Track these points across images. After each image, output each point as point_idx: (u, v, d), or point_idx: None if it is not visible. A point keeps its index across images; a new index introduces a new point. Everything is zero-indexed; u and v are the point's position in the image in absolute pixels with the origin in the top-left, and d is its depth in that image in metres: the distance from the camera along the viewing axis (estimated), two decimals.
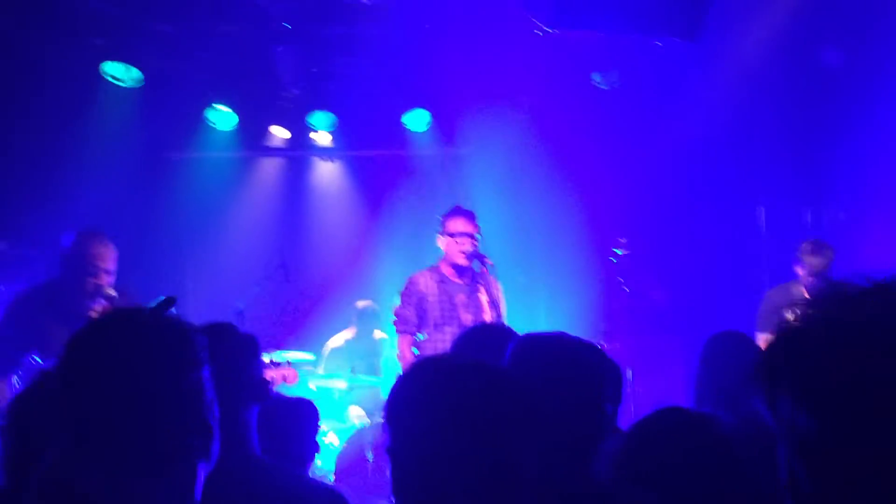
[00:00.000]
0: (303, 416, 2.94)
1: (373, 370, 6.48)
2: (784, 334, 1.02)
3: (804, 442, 0.95)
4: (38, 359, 3.99)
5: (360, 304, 6.89)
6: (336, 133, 7.29)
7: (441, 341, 4.83)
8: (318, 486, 2.20)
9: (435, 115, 7.15)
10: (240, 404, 2.11)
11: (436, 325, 4.89)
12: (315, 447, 2.92)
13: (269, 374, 3.65)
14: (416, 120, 7.19)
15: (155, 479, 1.37)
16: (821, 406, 0.94)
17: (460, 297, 4.94)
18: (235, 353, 2.16)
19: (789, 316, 3.82)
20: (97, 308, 4.07)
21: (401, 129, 7.24)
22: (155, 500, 1.35)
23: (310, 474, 2.93)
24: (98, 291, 4.11)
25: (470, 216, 4.96)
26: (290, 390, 5.01)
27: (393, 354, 5.36)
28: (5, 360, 4.03)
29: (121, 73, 6.25)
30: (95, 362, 1.40)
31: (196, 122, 6.98)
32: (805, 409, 0.94)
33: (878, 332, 0.92)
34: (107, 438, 1.38)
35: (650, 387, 5.83)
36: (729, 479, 1.81)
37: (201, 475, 1.44)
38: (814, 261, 5.11)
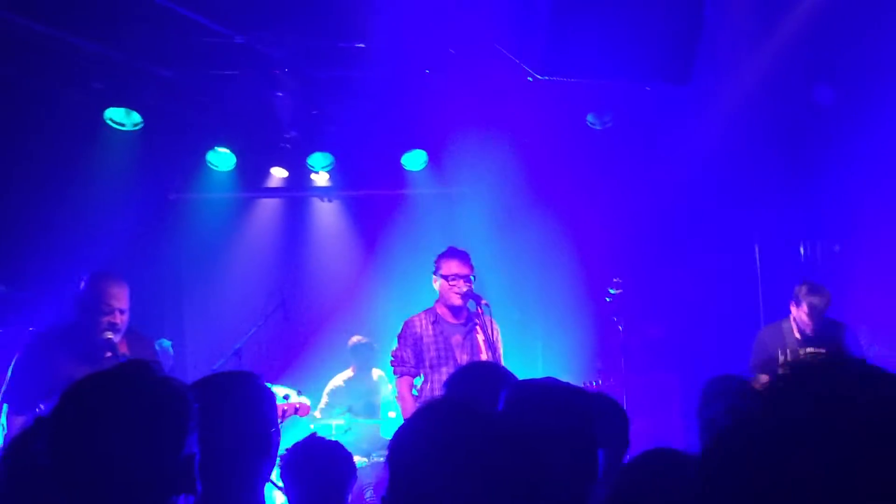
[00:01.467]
0: (330, 462, 2.89)
1: (371, 409, 6.49)
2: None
3: None
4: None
5: (353, 340, 6.91)
6: (334, 173, 7.38)
7: (438, 382, 4.84)
8: None
9: (431, 155, 7.23)
10: (245, 457, 2.12)
11: (432, 366, 4.92)
12: (346, 493, 2.85)
13: (282, 406, 3.65)
14: (414, 160, 7.28)
15: None
16: None
17: (456, 338, 4.98)
18: (246, 404, 2.17)
19: (781, 359, 3.83)
20: (111, 350, 4.12)
21: (398, 168, 7.33)
22: None
23: None
24: (110, 329, 4.17)
25: (464, 257, 5.01)
26: (295, 426, 5.03)
27: (391, 394, 5.38)
28: (22, 402, 4.06)
29: (122, 117, 6.35)
30: (85, 417, 1.45)
31: (196, 163, 7.06)
32: None
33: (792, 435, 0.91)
34: (89, 488, 1.42)
35: (646, 424, 5.83)
36: None
37: None
38: (812, 300, 5.11)
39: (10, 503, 1.86)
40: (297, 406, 4.14)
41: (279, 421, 2.30)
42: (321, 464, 2.81)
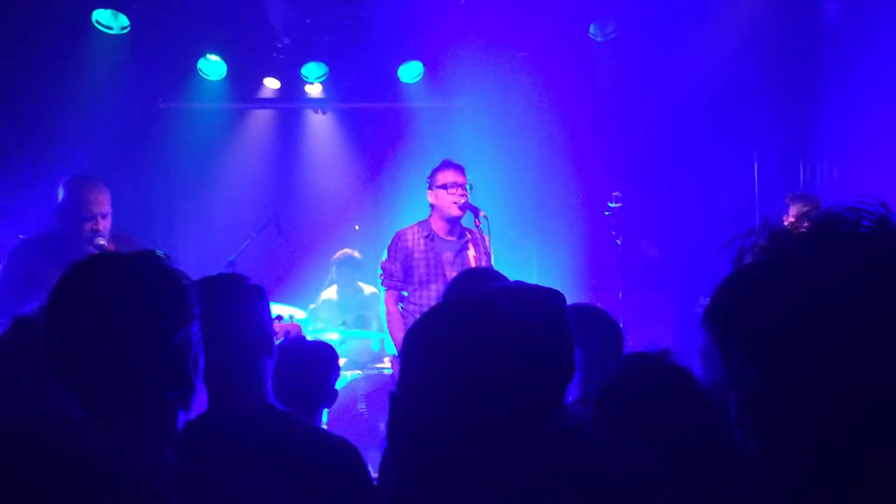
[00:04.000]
0: (321, 361, 2.94)
1: (363, 323, 6.50)
2: (736, 278, 0.98)
3: (752, 394, 0.93)
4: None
5: (336, 255, 6.88)
6: (328, 85, 7.21)
7: (427, 298, 4.81)
8: (331, 438, 2.20)
9: (429, 68, 7.07)
10: (247, 355, 2.11)
11: (421, 282, 4.86)
12: (332, 394, 2.91)
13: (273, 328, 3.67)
14: (410, 71, 7.12)
15: (128, 421, 1.38)
16: (767, 359, 0.91)
17: (447, 256, 4.89)
18: (244, 304, 2.15)
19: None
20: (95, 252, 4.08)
21: (394, 81, 7.16)
22: (128, 443, 1.35)
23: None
24: (94, 235, 4.12)
25: (459, 168, 4.91)
26: None
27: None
28: (6, 310, 4.04)
29: (109, 20, 6.16)
30: (83, 302, 1.40)
31: (187, 72, 6.88)
32: (753, 360, 0.92)
33: (828, 279, 0.89)
34: (85, 379, 1.39)
35: (640, 340, 5.86)
36: (698, 424, 1.83)
37: (179, 422, 1.45)
38: (799, 206, 5.18)
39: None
40: (289, 328, 4.13)
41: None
42: (305, 362, 2.84)
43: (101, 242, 4.13)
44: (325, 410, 3.10)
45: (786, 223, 3.83)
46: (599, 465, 1.40)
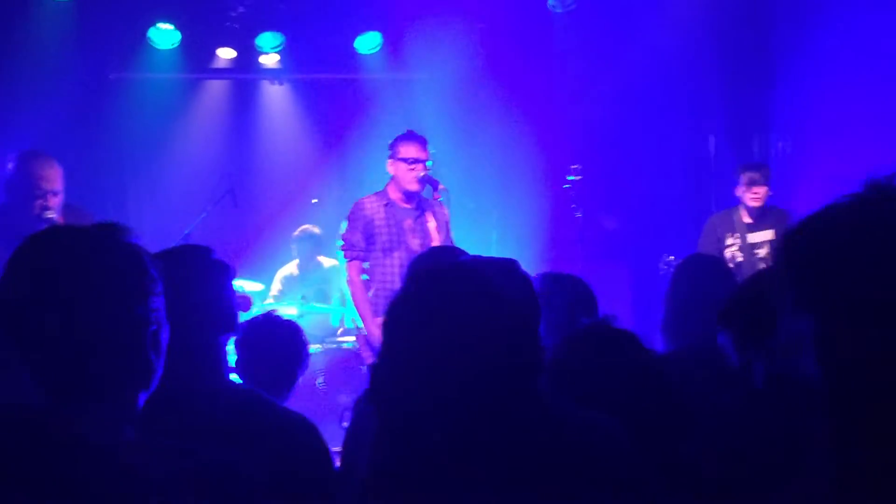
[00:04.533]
0: (286, 339, 2.90)
1: (323, 297, 6.46)
2: (810, 225, 1.01)
3: (819, 322, 0.96)
4: None
5: (296, 232, 6.82)
6: (284, 55, 7.09)
7: (389, 266, 4.81)
8: (290, 415, 2.18)
9: (387, 39, 6.98)
10: (209, 332, 2.07)
11: (383, 250, 4.85)
12: (298, 371, 2.88)
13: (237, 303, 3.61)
14: (367, 42, 7.03)
15: (87, 402, 1.34)
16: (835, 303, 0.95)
17: (408, 223, 4.89)
18: (206, 279, 2.10)
19: (729, 241, 3.97)
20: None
21: (352, 52, 7.07)
22: (87, 423, 1.32)
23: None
24: (44, 210, 4.03)
25: (422, 141, 4.89)
26: (243, 317, 4.99)
27: (344, 281, 5.34)
28: None
29: None
30: (39, 277, 1.35)
31: (137, 41, 6.71)
32: (822, 304, 0.96)
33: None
34: (40, 357, 1.34)
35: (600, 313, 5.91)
36: (646, 385, 1.85)
37: (140, 401, 1.41)
38: (750, 173, 5.49)
39: None
40: (240, 299, 4.07)
41: None
42: (276, 340, 2.80)
43: (51, 216, 4.04)
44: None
45: (739, 195, 3.90)
46: (579, 439, 1.41)
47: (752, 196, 5.47)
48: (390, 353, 1.39)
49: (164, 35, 6.69)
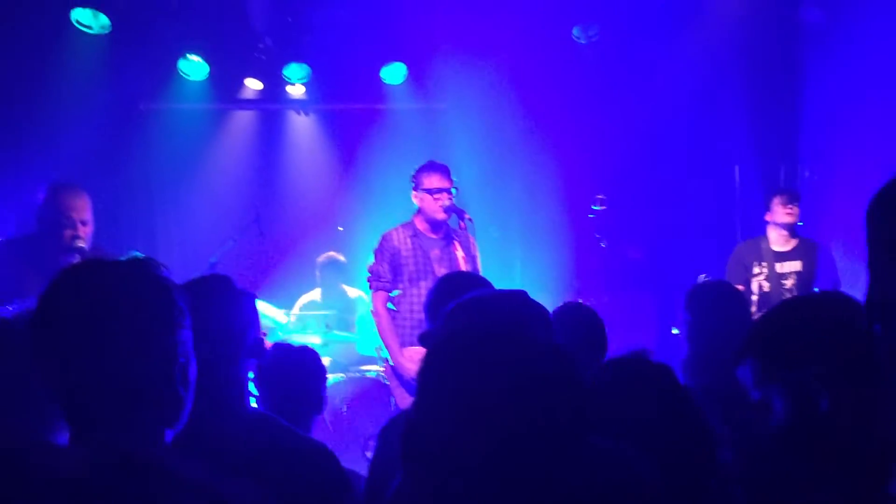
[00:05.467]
0: (308, 368, 2.89)
1: (346, 326, 6.47)
2: None
3: None
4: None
5: (321, 258, 6.85)
6: (311, 86, 7.17)
7: (416, 296, 4.81)
8: (309, 443, 2.17)
9: (412, 69, 7.05)
10: (233, 361, 2.07)
11: (410, 280, 4.87)
12: (322, 400, 2.87)
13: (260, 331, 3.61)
14: (393, 73, 7.09)
15: (113, 435, 1.34)
16: None
17: (435, 252, 4.91)
18: (231, 308, 2.11)
19: (756, 270, 3.93)
20: (74, 262, 4.02)
21: (377, 82, 7.14)
22: (115, 454, 1.32)
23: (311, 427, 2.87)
24: (74, 242, 4.08)
25: (445, 170, 4.90)
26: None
27: (368, 311, 5.34)
28: None
29: (89, 19, 6.09)
30: (70, 310, 1.36)
31: (168, 72, 6.82)
32: None
33: None
34: (69, 389, 1.35)
35: (623, 343, 5.86)
36: (681, 421, 1.83)
37: (168, 435, 1.41)
38: (782, 196, 5.48)
39: None
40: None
41: None
42: (291, 369, 2.80)
43: (81, 244, 4.08)
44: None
45: (769, 220, 3.88)
46: (610, 478, 1.38)
47: (787, 212, 5.40)
48: (423, 406, 1.36)
49: (194, 67, 6.80)
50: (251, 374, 2.29)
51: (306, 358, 2.93)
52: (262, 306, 5.73)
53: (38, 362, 1.35)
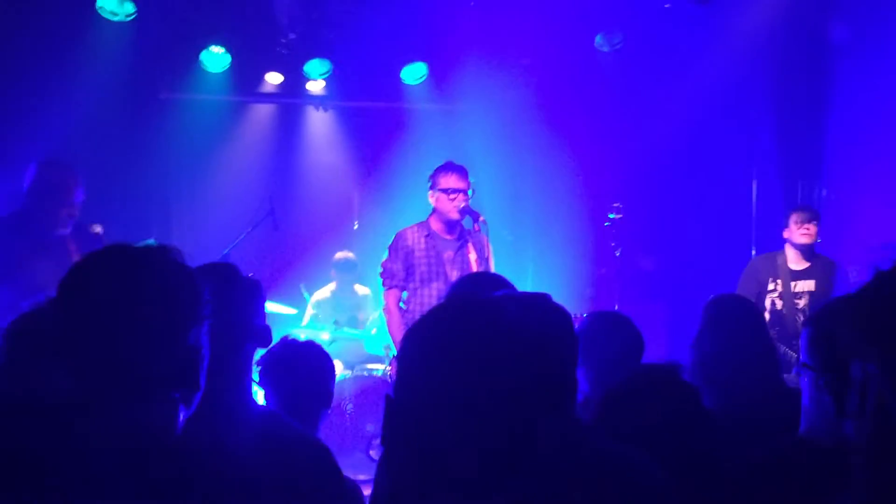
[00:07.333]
0: (314, 362, 2.88)
1: (355, 324, 6.48)
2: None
3: None
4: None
5: (338, 256, 6.87)
6: (330, 82, 7.18)
7: (427, 296, 4.81)
8: (304, 437, 2.16)
9: (433, 70, 7.05)
10: (239, 350, 2.06)
11: (422, 281, 4.86)
12: (330, 395, 2.85)
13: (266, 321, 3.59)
14: (413, 73, 7.09)
15: (133, 415, 1.36)
16: None
17: (448, 254, 4.90)
18: (239, 297, 2.10)
19: (770, 287, 3.87)
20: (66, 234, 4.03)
21: (396, 81, 7.14)
22: (130, 435, 1.33)
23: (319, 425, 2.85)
24: (70, 220, 4.08)
25: (462, 171, 4.90)
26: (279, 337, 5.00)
27: (381, 309, 5.34)
28: None
29: (114, 6, 6.11)
30: (100, 295, 1.36)
31: (189, 63, 6.84)
32: None
33: None
34: (94, 371, 1.36)
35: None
36: (702, 444, 1.81)
37: (180, 419, 1.42)
38: (800, 213, 5.38)
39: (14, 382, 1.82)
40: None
41: None
42: (298, 364, 2.79)
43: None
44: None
45: (786, 237, 3.82)
46: (602, 474, 1.37)
47: (804, 232, 5.32)
48: (401, 385, 1.36)
49: (216, 58, 6.81)
50: (256, 369, 2.29)
51: (313, 353, 2.92)
52: (271, 306, 5.73)
53: (62, 342, 1.36)
